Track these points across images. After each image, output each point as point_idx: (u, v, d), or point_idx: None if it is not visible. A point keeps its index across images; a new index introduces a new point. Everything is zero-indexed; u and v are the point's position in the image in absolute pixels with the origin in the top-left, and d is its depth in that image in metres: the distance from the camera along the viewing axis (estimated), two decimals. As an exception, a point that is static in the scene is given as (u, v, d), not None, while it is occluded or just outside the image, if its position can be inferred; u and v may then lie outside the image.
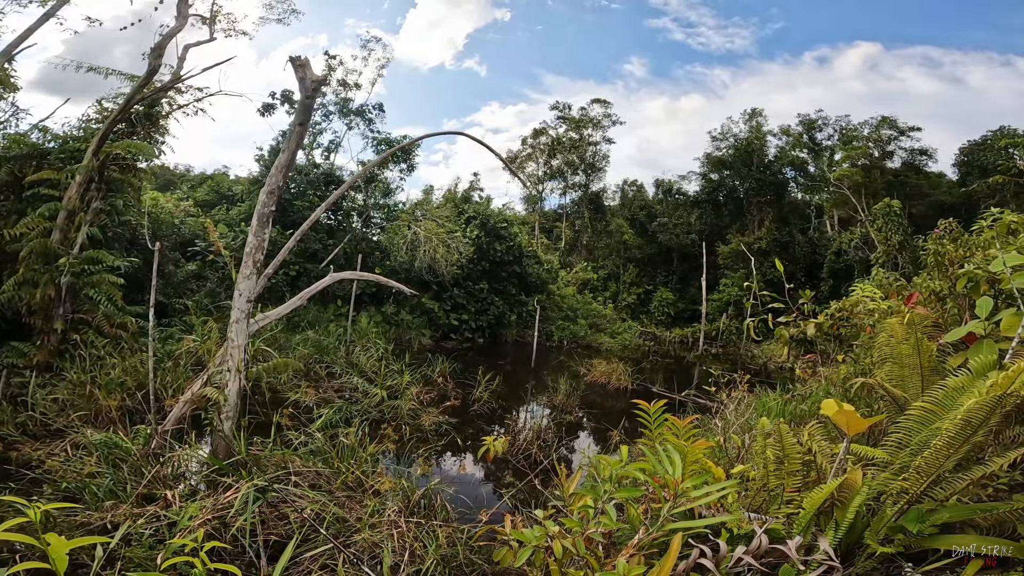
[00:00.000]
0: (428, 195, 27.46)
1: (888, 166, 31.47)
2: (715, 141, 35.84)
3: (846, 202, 31.08)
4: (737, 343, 25.40)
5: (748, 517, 2.67)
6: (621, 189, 42.33)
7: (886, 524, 2.65)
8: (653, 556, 2.32)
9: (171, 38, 9.88)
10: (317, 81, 5.57)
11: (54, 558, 1.11)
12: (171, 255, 13.56)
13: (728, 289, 29.34)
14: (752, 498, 3.06)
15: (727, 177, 35.17)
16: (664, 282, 34.14)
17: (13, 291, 8.08)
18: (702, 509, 2.65)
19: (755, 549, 2.39)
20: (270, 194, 5.72)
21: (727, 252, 30.95)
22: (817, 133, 34.98)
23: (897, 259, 22.88)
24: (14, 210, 9.13)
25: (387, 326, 17.07)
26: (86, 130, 10.18)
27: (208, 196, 20.83)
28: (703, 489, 2.34)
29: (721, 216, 35.10)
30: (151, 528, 3.90)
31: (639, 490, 2.17)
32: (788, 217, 33.06)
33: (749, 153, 33.90)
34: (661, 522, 2.18)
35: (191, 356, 9.11)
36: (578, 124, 40.52)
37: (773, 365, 18.97)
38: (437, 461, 7.33)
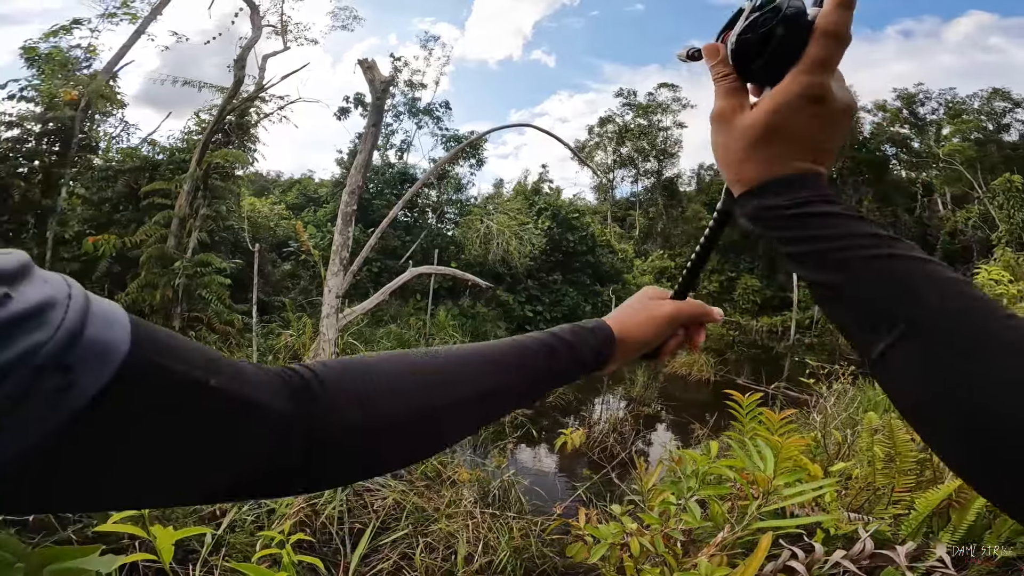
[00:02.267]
0: (498, 189, 27.76)
1: (1005, 140, 28.18)
2: None
3: (959, 179, 27.84)
4: (834, 333, 23.49)
5: (848, 517, 2.46)
6: (697, 174, 40.53)
7: (1010, 526, 2.36)
8: (736, 556, 2.18)
9: (250, 49, 10.64)
10: (385, 82, 5.75)
11: (160, 549, 1.19)
12: (268, 256, 14.69)
13: (823, 274, 27.19)
14: (853, 498, 2.81)
15: (816, 157, 32.89)
16: (749, 269, 32.30)
17: (137, 293, 9.11)
18: (795, 508, 2.47)
19: (857, 553, 2.18)
20: (351, 194, 6.01)
21: (820, 235, 28.66)
22: (919, 108, 31.73)
23: (1022, 238, 20.17)
24: (133, 219, 10.28)
25: (463, 319, 17.47)
26: (188, 141, 11.24)
27: (297, 199, 22.33)
28: (797, 487, 2.16)
29: (812, 197, 32.71)
30: (253, 515, 4.14)
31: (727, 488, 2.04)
32: (891, 196, 30.15)
33: (841, 131, 31.48)
34: (748, 520, 2.04)
35: (288, 350, 9.77)
36: (646, 110, 39.17)
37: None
38: (512, 453, 7.40)
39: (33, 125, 9.90)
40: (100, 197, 11.04)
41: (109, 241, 9.30)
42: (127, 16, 11.36)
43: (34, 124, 9.91)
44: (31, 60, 10.74)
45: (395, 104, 22.31)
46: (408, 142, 22.60)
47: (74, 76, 10.65)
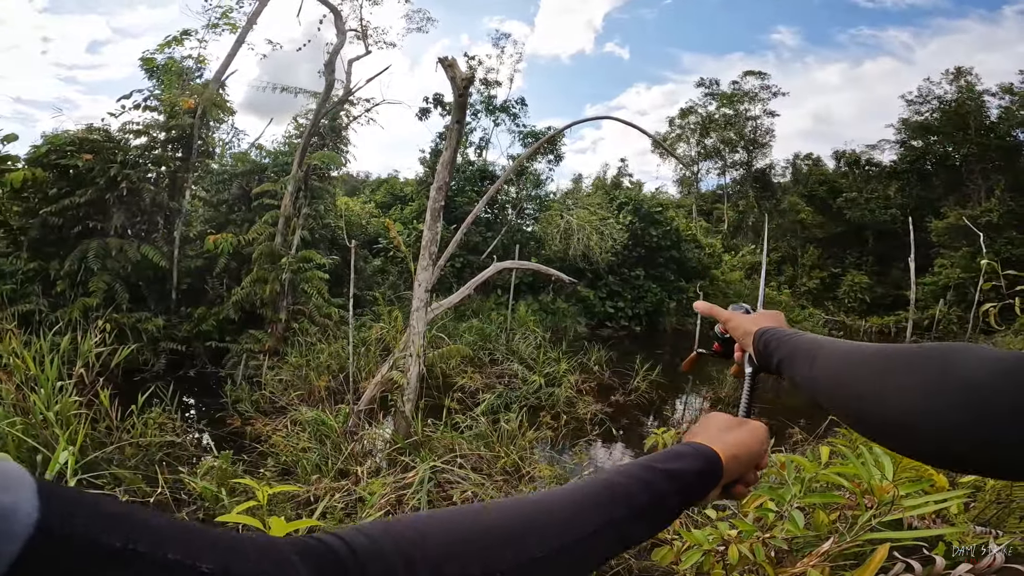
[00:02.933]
0: (577, 184, 27.42)
1: None
2: (912, 105, 30.34)
3: (1103, 164, 23.63)
4: (959, 334, 20.87)
5: (974, 531, 2.19)
6: (792, 164, 37.59)
7: None
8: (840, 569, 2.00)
9: (336, 54, 11.22)
10: (466, 79, 5.85)
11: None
12: (361, 252, 15.56)
13: (946, 271, 24.25)
14: (981, 511, 2.51)
15: (935, 144, 29.48)
16: (856, 264, 29.51)
17: (249, 287, 9.97)
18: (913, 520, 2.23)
19: (985, 566, 1.93)
20: (439, 190, 6.19)
21: (943, 228, 25.55)
22: None
23: None
24: (246, 219, 11.24)
25: (544, 314, 17.49)
26: (289, 145, 12.10)
27: (385, 198, 23.43)
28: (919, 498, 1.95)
29: (931, 187, 29.36)
30: (343, 502, 4.21)
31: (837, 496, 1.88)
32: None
33: (962, 115, 27.97)
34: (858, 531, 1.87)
35: (379, 343, 10.13)
36: (731, 99, 36.89)
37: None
38: (591, 450, 7.29)
39: (158, 133, 10.80)
40: (218, 199, 12.22)
41: (227, 239, 10.24)
42: (228, 26, 12.33)
43: (159, 132, 10.80)
44: (150, 71, 11.81)
45: (472, 103, 22.71)
46: (486, 139, 22.96)
47: (189, 85, 11.60)
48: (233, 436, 6.53)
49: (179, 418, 5.94)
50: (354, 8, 12.67)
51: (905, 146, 30.82)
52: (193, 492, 4.37)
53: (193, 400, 8.69)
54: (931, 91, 29.96)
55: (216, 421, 7.25)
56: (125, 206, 10.08)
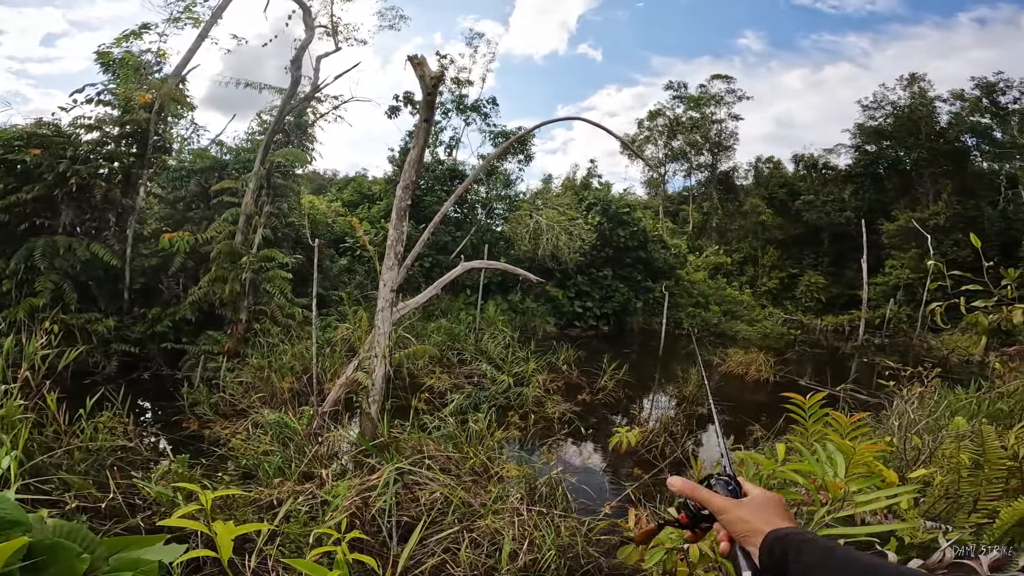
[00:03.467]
0: (547, 184, 27.63)
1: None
2: (867, 110, 31.76)
3: (1048, 170, 25.31)
4: (908, 333, 21.93)
5: (925, 526, 2.29)
6: (755, 167, 38.85)
7: None
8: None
9: (304, 50, 10.98)
10: (435, 77, 5.79)
11: (220, 545, 1.20)
12: (327, 252, 15.25)
13: (896, 271, 25.47)
14: (931, 506, 2.62)
15: (887, 148, 30.89)
16: (812, 265, 30.67)
17: (208, 287, 9.64)
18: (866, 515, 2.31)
19: (935, 563, 2.02)
20: (405, 189, 6.11)
21: (893, 230, 26.83)
22: (999, 97, 29.12)
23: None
24: (204, 217, 10.87)
25: (513, 314, 17.52)
26: (252, 142, 11.75)
27: (352, 197, 23.04)
28: (871, 494, 2.02)
29: (883, 191, 30.76)
30: (307, 505, 4.15)
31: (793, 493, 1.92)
32: (973, 189, 27.86)
33: (914, 121, 29.40)
34: (815, 527, 1.92)
35: (345, 343, 9.95)
36: (698, 102, 37.86)
37: (956, 358, 16.06)
38: (560, 449, 7.34)
39: (111, 128, 10.41)
40: (175, 196, 11.77)
41: (183, 238, 9.87)
42: (190, 20, 11.93)
43: (112, 127, 10.41)
44: (106, 65, 11.33)
45: (443, 102, 22.60)
46: (456, 139, 22.87)
47: (146, 80, 11.17)
48: (191, 440, 6.36)
49: (131, 422, 5.77)
50: (324, 4, 12.43)
51: (860, 150, 32.13)
52: (148, 497, 4.26)
53: (148, 403, 8.41)
54: (886, 96, 31.34)
55: (172, 425, 7.03)
56: (75, 203, 9.66)
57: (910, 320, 22.19)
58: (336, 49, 12.64)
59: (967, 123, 29.49)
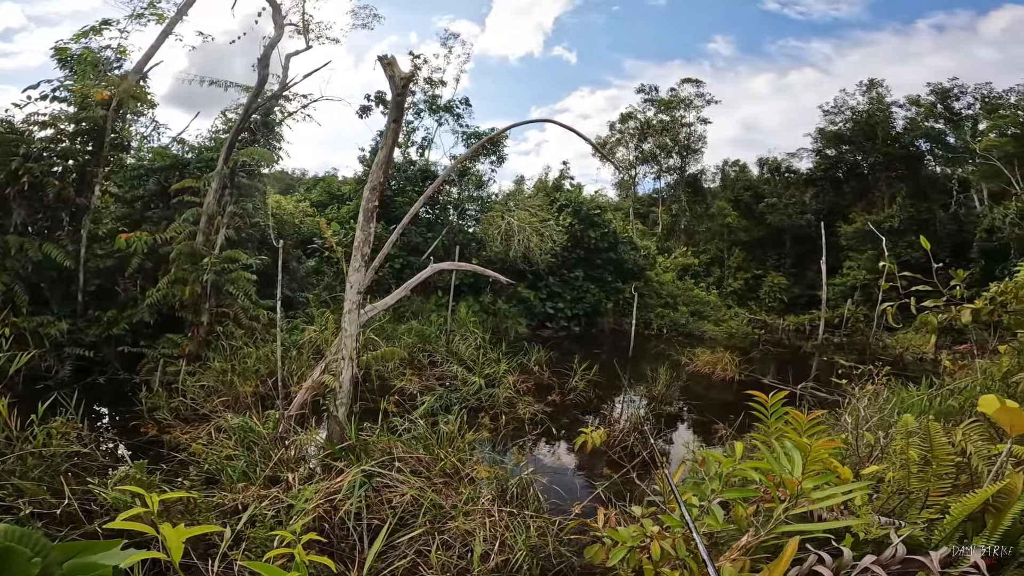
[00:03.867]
0: (519, 185, 27.73)
1: (1045, 134, 26.69)
2: (828, 115, 32.92)
3: (997, 174, 26.71)
4: (865, 332, 22.82)
5: (879, 522, 2.37)
6: (722, 170, 39.91)
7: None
8: (761, 560, 2.11)
9: (273, 48, 10.76)
10: (405, 78, 5.74)
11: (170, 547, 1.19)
12: (294, 253, 14.91)
13: (853, 272, 26.47)
14: (884, 502, 2.71)
15: (847, 152, 32.09)
16: (775, 266, 31.61)
17: (167, 288, 9.32)
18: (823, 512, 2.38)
19: (888, 558, 2.09)
20: (372, 190, 6.03)
21: (851, 232, 27.90)
22: (953, 102, 30.61)
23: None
24: (163, 216, 10.51)
25: (485, 315, 17.49)
26: (216, 140, 11.43)
27: (321, 197, 22.62)
28: (826, 491, 2.08)
29: (842, 194, 31.94)
30: (273, 510, 4.12)
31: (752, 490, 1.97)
32: (926, 192, 29.18)
33: (872, 126, 30.60)
34: (773, 524, 1.97)
35: (312, 345, 9.84)
36: (668, 106, 38.65)
37: (910, 356, 16.80)
38: (531, 450, 7.36)
39: (66, 125, 10.08)
40: (132, 195, 11.34)
41: (141, 238, 9.53)
42: (154, 17, 11.58)
43: (67, 124, 10.08)
44: (63, 61, 11.00)
45: (415, 102, 22.44)
46: (429, 139, 22.72)
47: (105, 76, 10.86)
48: (150, 445, 6.22)
49: (86, 427, 5.64)
50: (296, 2, 12.16)
51: (821, 154, 33.23)
52: (105, 503, 4.17)
53: (104, 409, 8.13)
54: (846, 102, 32.49)
55: (130, 430, 6.83)
56: (27, 201, 9.27)
57: (866, 319, 23.09)
58: (307, 47, 12.40)
59: (922, 128, 30.82)
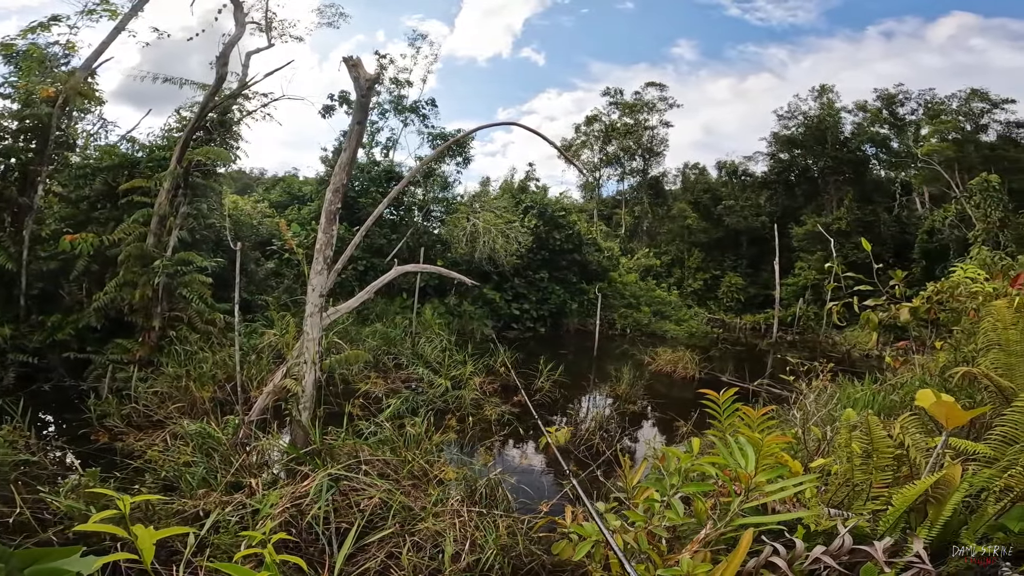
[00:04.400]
0: (485, 187, 27.71)
1: (983, 140, 28.78)
2: (782, 120, 34.41)
3: (937, 178, 28.51)
4: (816, 330, 23.90)
5: (828, 513, 2.51)
6: (682, 173, 41.07)
7: (986, 522, 2.44)
8: (721, 552, 2.21)
9: (233, 46, 10.44)
10: (371, 80, 5.70)
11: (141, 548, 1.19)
12: (252, 254, 14.49)
13: (804, 273, 27.68)
14: (833, 494, 2.87)
15: (799, 156, 33.57)
16: (732, 267, 32.73)
17: (115, 292, 8.91)
18: (776, 504, 2.51)
19: (836, 549, 2.22)
20: (335, 192, 5.95)
21: (802, 234, 29.18)
22: (898, 108, 32.56)
23: (999, 237, 20.73)
24: (111, 217, 10.03)
25: (450, 317, 17.43)
26: (169, 139, 10.99)
27: (281, 197, 22.06)
28: (778, 484, 2.20)
29: (794, 197, 33.36)
30: (237, 515, 4.08)
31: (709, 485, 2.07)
32: (871, 195, 30.80)
33: (822, 130, 32.10)
34: (730, 517, 2.08)
35: (272, 349, 9.63)
36: (632, 109, 39.51)
37: (857, 353, 17.71)
38: (499, 451, 7.41)
39: (9, 122, 9.64)
40: (78, 195, 10.78)
41: (87, 240, 9.08)
42: (107, 12, 11.09)
43: (10, 121, 9.64)
44: (8, 57, 10.49)
45: (380, 102, 22.17)
46: (394, 140, 22.47)
47: (52, 73, 10.40)
48: (102, 452, 6.09)
49: (33, 435, 5.54)
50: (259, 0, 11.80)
51: (774, 158, 34.65)
52: (58, 511, 4.12)
53: (51, 416, 7.85)
54: (798, 107, 34.00)
55: (80, 438, 6.64)
56: (-36, 201, 8.68)
57: (817, 318, 24.19)
58: (269, 45, 12.06)
59: (868, 133, 32.54)
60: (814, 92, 33.73)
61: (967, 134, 28.73)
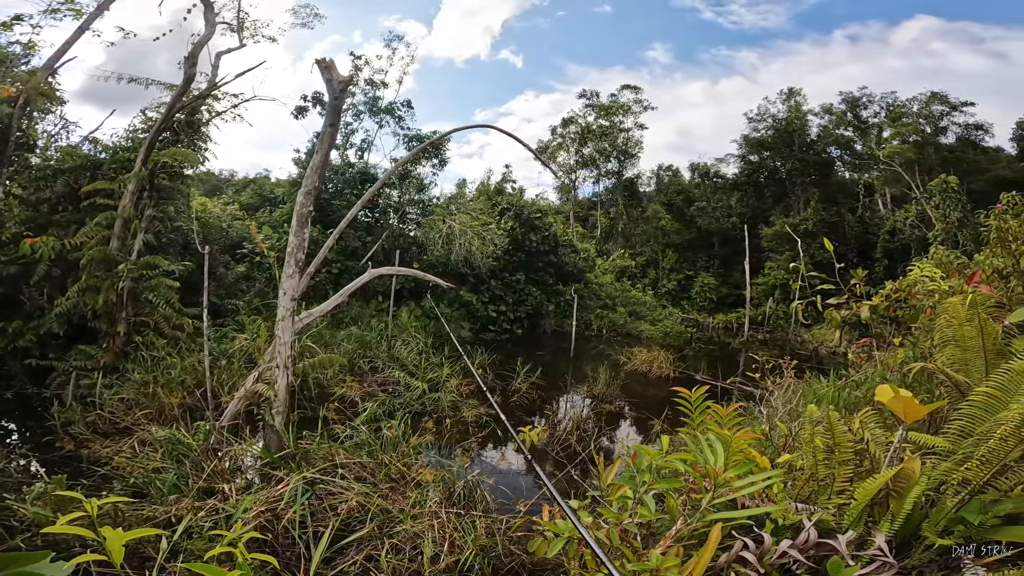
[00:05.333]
0: (461, 189, 27.65)
1: (942, 142, 29.99)
2: (752, 122, 35.18)
3: (898, 180, 29.61)
4: (785, 328, 24.53)
5: (795, 508, 2.57)
6: (656, 175, 41.68)
7: (946, 515, 2.51)
8: (694, 548, 2.27)
9: (202, 46, 10.22)
10: (344, 82, 5.66)
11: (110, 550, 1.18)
12: (221, 258, 14.15)
13: (773, 272, 28.40)
14: (800, 488, 2.95)
15: (767, 158, 34.36)
16: (705, 267, 33.36)
17: (78, 297, 8.62)
18: (745, 500, 2.57)
19: (802, 543, 2.30)
20: (307, 195, 5.88)
21: (771, 234, 29.93)
22: (862, 111, 33.68)
23: (957, 237, 21.62)
24: (73, 220, 9.70)
25: (427, 320, 17.33)
26: (134, 140, 10.69)
27: (252, 199, 21.62)
28: (747, 479, 2.27)
29: (763, 198, 34.16)
30: (210, 521, 4.06)
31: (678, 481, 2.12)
32: (836, 197, 31.79)
33: (789, 133, 32.95)
34: (701, 513, 2.13)
35: (243, 354, 9.46)
36: (607, 111, 39.94)
37: (825, 350, 18.24)
38: (477, 452, 7.42)
39: None
40: (38, 197, 10.38)
41: (48, 243, 8.77)
42: (71, 12, 10.74)
43: None
44: None
45: (355, 103, 21.92)
46: (369, 141, 22.24)
47: (12, 72, 10.03)
48: (68, 460, 6.04)
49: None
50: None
51: (745, 160, 35.41)
52: (24, 519, 4.10)
53: (12, 424, 7.72)
54: (768, 109, 34.80)
55: (44, 446, 6.53)
56: (-81, 204, 8.28)
57: (786, 316, 24.84)
58: (240, 46, 11.81)
59: (833, 135, 33.54)
60: (782, 95, 34.62)
61: (927, 136, 29.84)
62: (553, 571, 3.74)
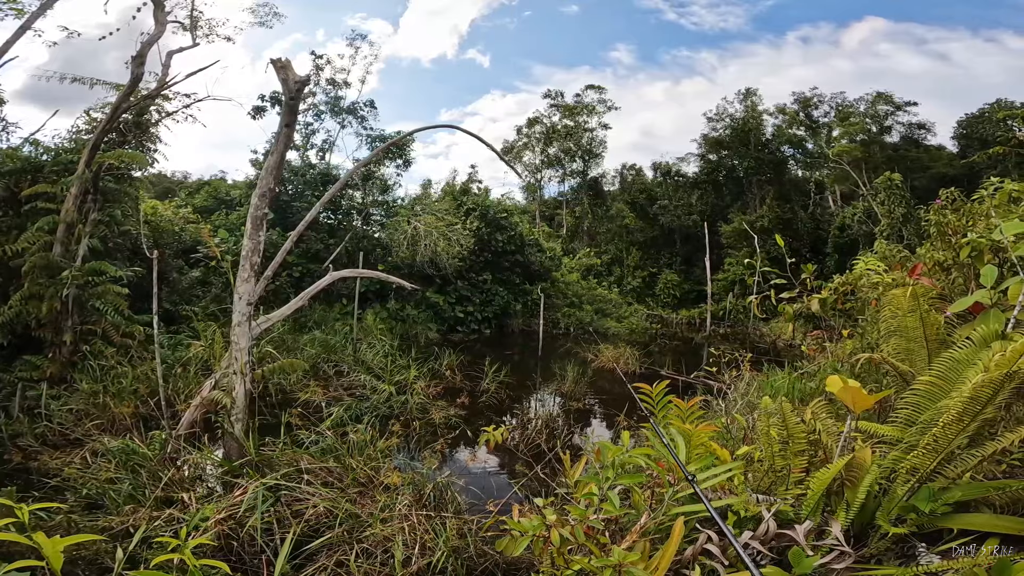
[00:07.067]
0: (426, 189, 27.46)
1: (887, 141, 31.58)
2: (711, 122, 36.11)
3: (847, 177, 31.02)
4: (745, 322, 25.31)
5: (755, 499, 2.63)
6: (620, 174, 42.29)
7: (898, 504, 2.58)
8: (661, 542, 2.31)
9: (151, 45, 9.79)
10: (300, 82, 5.52)
11: (48, 555, 1.15)
12: (174, 263, 13.60)
13: (733, 268, 29.27)
14: (760, 480, 3.01)
15: (725, 157, 35.38)
16: (668, 264, 34.08)
17: (20, 306, 8.13)
18: (709, 492, 2.63)
19: (762, 534, 2.36)
20: (262, 197, 5.71)
21: (729, 231, 30.84)
22: (813, 111, 35.10)
23: (902, 231, 22.76)
24: (14, 225, 9.16)
25: (393, 322, 17.10)
26: (77, 141, 10.15)
27: (207, 202, 20.87)
28: (708, 472, 2.32)
29: (722, 196, 35.14)
30: (169, 530, 3.95)
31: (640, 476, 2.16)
32: (789, 194, 33.01)
33: (746, 132, 34.01)
34: (665, 507, 2.18)
35: (199, 361, 9.17)
36: (572, 111, 40.32)
37: (782, 343, 18.90)
38: (447, 454, 7.37)
39: None
40: (-28, 201, 9.74)
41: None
42: (13, 11, 10.10)
43: None
44: None
45: (316, 103, 21.44)
46: (331, 142, 21.79)
47: None
48: (16, 472, 5.84)
49: None
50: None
51: (704, 159, 36.34)
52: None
53: None
54: (725, 109, 35.81)
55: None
56: None
57: (746, 311, 25.65)
58: (193, 45, 11.35)
59: (786, 135, 34.82)
60: (740, 95, 35.69)
61: (873, 135, 31.33)
62: (527, 570, 3.75)
